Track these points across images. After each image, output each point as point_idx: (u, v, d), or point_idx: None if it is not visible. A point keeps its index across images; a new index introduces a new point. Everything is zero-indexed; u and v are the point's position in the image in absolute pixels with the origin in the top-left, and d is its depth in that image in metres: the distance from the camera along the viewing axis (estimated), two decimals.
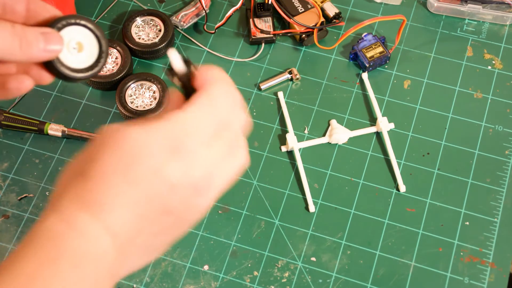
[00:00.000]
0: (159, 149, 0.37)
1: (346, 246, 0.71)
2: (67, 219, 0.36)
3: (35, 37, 0.43)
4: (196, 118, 0.39)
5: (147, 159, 0.37)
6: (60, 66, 0.44)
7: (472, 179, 0.75)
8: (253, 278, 0.69)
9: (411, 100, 0.80)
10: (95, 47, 0.46)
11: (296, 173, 0.75)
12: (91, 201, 0.36)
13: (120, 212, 0.37)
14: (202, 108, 0.40)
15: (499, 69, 0.82)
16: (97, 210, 0.36)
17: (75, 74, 0.45)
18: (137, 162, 0.37)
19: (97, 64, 0.46)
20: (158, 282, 0.69)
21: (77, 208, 0.36)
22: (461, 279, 0.69)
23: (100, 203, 0.36)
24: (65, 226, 0.36)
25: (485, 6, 0.83)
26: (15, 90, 0.45)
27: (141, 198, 0.37)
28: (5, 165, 0.76)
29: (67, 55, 0.45)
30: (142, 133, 0.38)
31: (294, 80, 0.80)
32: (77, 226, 0.36)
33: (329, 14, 0.83)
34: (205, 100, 0.40)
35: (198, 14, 0.84)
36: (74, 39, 0.45)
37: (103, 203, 0.36)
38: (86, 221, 0.36)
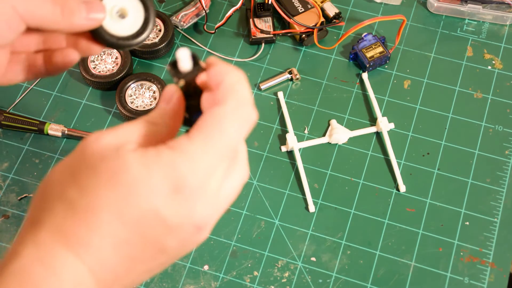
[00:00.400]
0: (160, 187, 0.33)
1: (346, 246, 0.71)
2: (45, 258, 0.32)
3: (77, 6, 0.42)
4: (204, 153, 0.34)
5: (146, 197, 0.33)
6: (105, 35, 0.43)
7: (472, 179, 0.75)
8: (253, 278, 0.69)
9: (411, 100, 0.80)
10: (140, 13, 0.45)
11: (296, 173, 0.75)
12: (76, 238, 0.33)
13: (109, 253, 0.33)
14: (211, 139, 0.34)
15: (499, 69, 0.82)
16: (82, 249, 0.33)
17: (122, 42, 0.44)
18: (134, 199, 0.33)
19: (143, 30, 0.44)
20: (158, 282, 0.69)
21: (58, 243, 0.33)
22: (461, 279, 0.69)
23: (87, 242, 0.33)
24: (42, 269, 0.32)
25: (485, 6, 0.83)
26: (60, 64, 0.44)
27: (135, 239, 0.34)
28: (5, 165, 0.76)
29: (112, 23, 0.43)
30: (144, 165, 0.33)
31: (294, 80, 0.80)
32: (56, 268, 0.32)
33: (329, 14, 0.83)
34: (216, 126, 0.34)
35: (198, 14, 0.84)
36: (117, 5, 0.44)
37: (90, 242, 0.33)
38: (67, 262, 0.33)
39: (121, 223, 0.33)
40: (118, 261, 0.34)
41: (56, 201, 0.34)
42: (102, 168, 0.34)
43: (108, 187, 0.33)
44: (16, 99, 0.79)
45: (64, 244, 0.33)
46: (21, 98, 0.80)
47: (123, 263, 0.34)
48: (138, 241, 0.34)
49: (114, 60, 0.80)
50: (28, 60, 0.45)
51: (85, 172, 0.34)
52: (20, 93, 0.80)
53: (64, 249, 0.33)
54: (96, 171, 0.34)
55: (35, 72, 0.45)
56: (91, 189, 0.33)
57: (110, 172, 0.33)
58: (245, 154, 0.38)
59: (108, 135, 0.35)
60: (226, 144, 0.35)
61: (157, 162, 0.34)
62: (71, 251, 0.33)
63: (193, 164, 0.34)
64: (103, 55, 0.80)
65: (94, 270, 0.33)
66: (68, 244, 0.33)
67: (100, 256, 0.33)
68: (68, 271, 0.32)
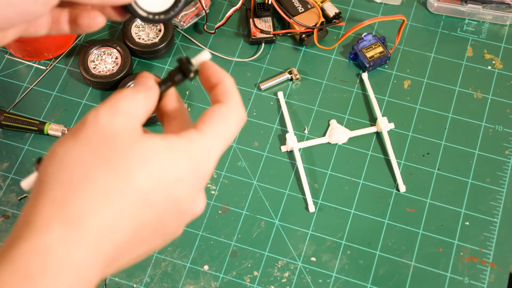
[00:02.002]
0: (185, 177, 0.37)
1: (346, 246, 0.71)
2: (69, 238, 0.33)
3: None
4: (215, 146, 0.38)
5: (173, 184, 0.36)
6: (137, 8, 0.43)
7: (472, 179, 0.75)
8: (253, 278, 0.69)
9: (411, 100, 0.80)
10: None
11: (296, 173, 0.75)
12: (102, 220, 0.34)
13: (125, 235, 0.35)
14: (220, 134, 0.39)
15: (499, 69, 0.82)
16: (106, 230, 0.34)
17: (152, 16, 0.44)
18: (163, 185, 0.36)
19: (174, 8, 0.45)
20: (158, 282, 0.69)
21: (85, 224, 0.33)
22: (461, 279, 0.69)
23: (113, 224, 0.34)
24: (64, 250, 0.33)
25: (485, 6, 0.83)
26: (86, 26, 0.44)
27: (152, 222, 0.36)
28: (5, 165, 0.76)
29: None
30: (171, 155, 0.36)
31: (294, 80, 0.80)
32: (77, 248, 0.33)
33: (329, 14, 0.83)
34: (223, 122, 0.39)
35: (198, 14, 0.84)
36: None
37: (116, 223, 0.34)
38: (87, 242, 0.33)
39: (146, 205, 0.35)
40: (129, 241, 0.35)
41: (87, 182, 0.34)
42: (135, 155, 0.35)
43: (141, 175, 0.35)
44: (16, 99, 0.79)
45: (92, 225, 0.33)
46: (21, 98, 0.80)
47: (132, 243, 0.35)
48: (153, 223, 0.36)
49: (114, 60, 0.80)
50: (52, 15, 0.45)
51: (114, 156, 0.35)
52: (20, 93, 0.80)
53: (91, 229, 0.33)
54: (128, 157, 0.35)
55: (58, 29, 0.45)
56: (122, 172, 0.35)
57: (143, 159, 0.35)
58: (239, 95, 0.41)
59: (120, 117, 0.36)
60: (229, 138, 0.39)
61: (181, 152, 0.37)
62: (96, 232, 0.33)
63: (208, 156, 0.38)
64: (103, 55, 0.80)
65: (107, 254, 0.34)
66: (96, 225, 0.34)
67: (118, 239, 0.34)
68: (88, 255, 0.33)
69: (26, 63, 0.82)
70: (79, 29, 0.44)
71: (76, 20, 0.44)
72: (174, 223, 0.37)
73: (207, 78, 0.41)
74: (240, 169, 0.75)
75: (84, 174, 0.34)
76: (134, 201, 0.35)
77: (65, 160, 0.35)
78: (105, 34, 0.84)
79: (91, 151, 0.35)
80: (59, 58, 0.82)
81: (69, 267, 0.32)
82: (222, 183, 0.74)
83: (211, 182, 0.74)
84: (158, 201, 0.36)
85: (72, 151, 0.35)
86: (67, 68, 0.82)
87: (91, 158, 0.35)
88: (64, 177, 0.34)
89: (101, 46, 0.80)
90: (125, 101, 0.37)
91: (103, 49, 0.80)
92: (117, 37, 0.84)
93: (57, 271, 0.32)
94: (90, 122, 0.36)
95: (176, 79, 0.41)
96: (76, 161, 0.35)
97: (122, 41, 0.81)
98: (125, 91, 0.38)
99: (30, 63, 0.82)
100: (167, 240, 0.39)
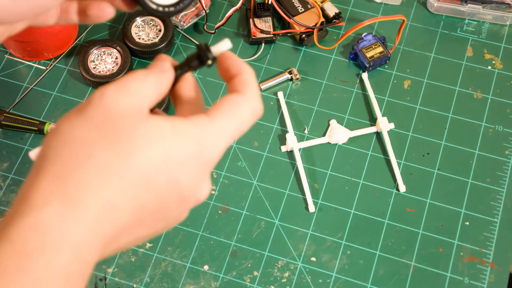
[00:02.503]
0: (188, 160, 0.36)
1: (346, 246, 0.71)
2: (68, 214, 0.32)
3: None
4: (223, 134, 0.38)
5: (176, 167, 0.36)
6: (147, 0, 0.43)
7: (472, 179, 0.75)
8: (253, 278, 0.69)
9: (411, 100, 0.80)
10: None
11: (296, 173, 0.75)
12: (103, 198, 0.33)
13: (125, 214, 0.34)
14: (230, 122, 0.38)
15: (499, 69, 0.82)
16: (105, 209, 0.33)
17: (161, 9, 0.44)
18: (165, 167, 0.35)
19: (183, 0, 0.45)
20: (158, 282, 0.69)
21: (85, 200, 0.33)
22: (461, 279, 0.69)
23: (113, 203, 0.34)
24: (64, 225, 0.32)
25: (485, 6, 0.83)
26: (95, 17, 0.44)
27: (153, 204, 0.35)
28: (5, 165, 0.76)
29: None
30: (176, 138, 0.36)
31: (294, 80, 0.80)
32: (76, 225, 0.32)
33: (329, 14, 0.83)
34: (235, 111, 0.39)
35: (198, 14, 0.84)
36: None
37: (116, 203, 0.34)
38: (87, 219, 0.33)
39: (147, 187, 0.34)
40: (128, 222, 0.35)
41: (89, 160, 0.34)
42: (139, 136, 0.35)
43: (144, 156, 0.34)
44: (16, 99, 0.79)
45: (91, 203, 0.33)
46: (21, 98, 0.80)
47: (132, 225, 0.35)
48: (154, 205, 0.35)
49: (114, 60, 0.80)
50: (61, 5, 0.45)
51: (117, 135, 0.35)
52: (20, 93, 0.80)
53: (90, 208, 0.33)
54: (132, 138, 0.35)
55: (67, 19, 0.45)
56: (125, 152, 0.34)
57: (147, 140, 0.35)
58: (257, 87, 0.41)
59: (127, 97, 0.36)
60: (241, 128, 0.39)
61: (187, 135, 0.36)
62: (96, 211, 0.33)
63: (215, 143, 0.37)
64: (103, 55, 0.80)
65: (106, 233, 0.34)
66: (96, 203, 0.33)
67: (117, 219, 0.34)
68: (87, 233, 0.33)
69: (26, 63, 0.82)
70: (88, 19, 0.44)
71: (85, 10, 0.44)
72: (176, 207, 0.37)
73: (226, 68, 0.41)
74: (240, 169, 0.75)
75: (86, 152, 0.34)
76: (135, 182, 0.34)
77: (68, 136, 0.35)
78: (105, 34, 0.84)
79: (95, 129, 0.35)
80: (59, 58, 0.82)
81: (67, 245, 0.32)
82: (222, 183, 0.74)
83: None
84: (159, 183, 0.35)
85: (76, 128, 0.35)
86: (67, 68, 0.82)
87: (95, 137, 0.34)
88: (65, 154, 0.34)
89: (101, 46, 0.80)
90: (135, 82, 0.37)
91: (103, 49, 0.80)
92: (117, 37, 0.84)
93: (55, 249, 0.32)
94: (96, 100, 0.35)
95: (193, 65, 0.40)
96: (79, 138, 0.34)
97: (122, 41, 0.81)
98: (138, 71, 0.38)
99: (30, 63, 0.82)
100: (169, 225, 0.38)
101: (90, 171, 0.34)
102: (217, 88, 0.80)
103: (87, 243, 0.33)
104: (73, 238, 0.32)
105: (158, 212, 0.36)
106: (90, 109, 0.35)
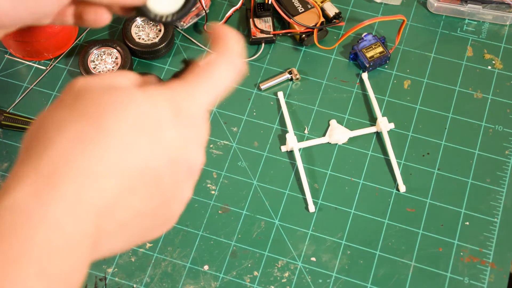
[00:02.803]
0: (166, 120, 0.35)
1: (346, 246, 0.71)
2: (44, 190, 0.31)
3: None
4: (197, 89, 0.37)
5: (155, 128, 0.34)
6: (148, 10, 0.44)
7: (472, 179, 0.75)
8: (253, 278, 0.69)
9: (411, 100, 0.80)
10: None
11: (296, 173, 0.75)
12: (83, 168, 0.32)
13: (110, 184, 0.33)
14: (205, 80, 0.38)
15: (499, 69, 0.82)
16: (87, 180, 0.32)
17: (160, 17, 0.44)
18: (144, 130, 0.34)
19: (182, 8, 0.45)
20: (158, 282, 0.69)
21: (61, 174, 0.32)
22: (461, 279, 0.69)
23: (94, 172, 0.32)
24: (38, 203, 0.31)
25: (485, 6, 0.83)
26: (91, 21, 0.43)
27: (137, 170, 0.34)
28: (5, 165, 0.76)
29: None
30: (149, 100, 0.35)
31: (294, 80, 0.80)
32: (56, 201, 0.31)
33: (329, 14, 0.83)
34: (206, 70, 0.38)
35: (198, 14, 0.84)
36: None
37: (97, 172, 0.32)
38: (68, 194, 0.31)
39: (127, 149, 0.33)
40: (117, 190, 0.33)
41: (59, 134, 0.33)
42: (108, 101, 0.34)
43: (117, 119, 0.33)
44: (16, 99, 0.79)
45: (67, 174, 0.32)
46: (21, 98, 0.80)
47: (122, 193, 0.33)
48: (140, 168, 0.34)
49: (114, 60, 0.80)
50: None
51: (89, 106, 0.34)
52: (20, 93, 0.80)
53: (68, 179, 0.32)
54: (101, 104, 0.34)
55: (62, 21, 0.45)
56: (98, 121, 0.33)
57: (117, 104, 0.34)
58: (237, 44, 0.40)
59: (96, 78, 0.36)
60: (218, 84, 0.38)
61: (159, 96, 0.35)
62: (75, 182, 0.32)
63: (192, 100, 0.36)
64: (103, 55, 0.80)
65: (93, 203, 0.32)
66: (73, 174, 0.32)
67: (102, 187, 0.32)
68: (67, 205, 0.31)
69: (26, 63, 0.82)
70: (84, 23, 0.44)
71: (81, 14, 0.44)
72: (166, 171, 0.35)
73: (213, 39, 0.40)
74: (240, 169, 0.75)
75: (57, 127, 0.33)
76: (113, 145, 0.33)
77: (41, 121, 0.34)
78: (105, 34, 0.84)
79: (65, 108, 0.34)
80: (59, 58, 0.82)
81: (45, 220, 0.30)
82: (222, 183, 0.74)
83: (211, 182, 0.74)
84: (140, 144, 0.33)
85: (49, 112, 0.34)
86: (67, 68, 0.82)
87: (65, 113, 0.34)
88: (39, 136, 0.33)
89: (101, 46, 0.80)
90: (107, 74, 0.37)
91: (103, 49, 0.80)
92: (117, 37, 0.84)
93: (30, 226, 0.30)
94: (67, 86, 0.35)
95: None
96: (51, 119, 0.34)
97: (122, 41, 0.81)
98: None
99: (30, 63, 0.82)
100: (167, 198, 0.36)
101: (63, 143, 0.32)
102: None
103: (70, 214, 0.31)
104: (52, 212, 0.31)
105: (147, 177, 0.34)
106: (61, 95, 0.35)
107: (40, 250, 0.30)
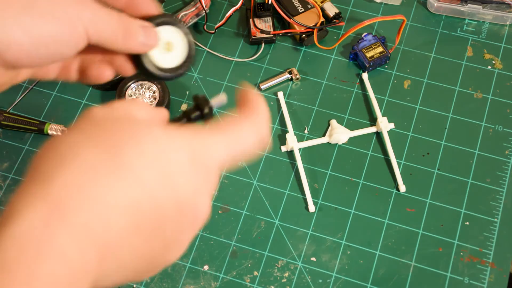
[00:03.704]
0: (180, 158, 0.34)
1: (346, 246, 0.71)
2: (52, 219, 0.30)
3: (137, 30, 0.42)
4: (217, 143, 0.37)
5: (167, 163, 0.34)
6: (147, 62, 0.44)
7: (472, 179, 0.75)
8: (253, 278, 0.69)
9: (411, 100, 0.80)
10: (183, 50, 0.46)
11: (296, 173, 0.75)
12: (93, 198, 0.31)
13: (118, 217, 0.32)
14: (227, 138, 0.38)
15: (499, 69, 0.82)
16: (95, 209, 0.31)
17: (159, 72, 0.44)
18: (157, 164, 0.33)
19: (181, 67, 0.46)
20: (158, 282, 0.69)
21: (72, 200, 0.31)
22: (461, 279, 0.69)
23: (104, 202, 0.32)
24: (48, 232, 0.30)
25: (485, 6, 0.83)
26: (94, 77, 0.44)
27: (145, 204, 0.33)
28: (5, 165, 0.76)
29: (155, 53, 0.44)
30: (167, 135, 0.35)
31: (294, 80, 0.80)
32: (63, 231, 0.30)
33: (329, 14, 0.83)
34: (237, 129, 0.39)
35: (198, 14, 0.84)
36: (165, 38, 0.45)
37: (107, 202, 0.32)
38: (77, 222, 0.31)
39: (139, 184, 0.33)
40: (122, 226, 0.32)
41: (73, 158, 0.32)
42: (128, 133, 0.34)
43: (135, 153, 0.33)
44: (16, 99, 0.79)
45: (78, 201, 0.31)
46: (21, 98, 0.80)
47: (128, 229, 0.33)
48: (149, 206, 0.33)
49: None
50: (64, 62, 0.45)
51: (108, 135, 0.34)
52: (20, 93, 0.80)
53: (78, 206, 0.31)
54: (121, 135, 0.34)
55: (67, 76, 0.45)
56: (116, 151, 0.33)
57: (138, 138, 0.34)
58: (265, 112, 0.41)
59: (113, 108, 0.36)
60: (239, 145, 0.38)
61: (180, 138, 0.35)
62: (85, 210, 0.31)
63: (208, 148, 0.36)
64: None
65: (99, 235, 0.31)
66: (84, 201, 0.31)
67: (110, 218, 0.32)
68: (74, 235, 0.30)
69: None
70: (87, 79, 0.44)
71: (85, 70, 0.44)
72: (172, 216, 0.34)
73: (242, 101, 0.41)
74: (240, 169, 0.75)
75: (73, 152, 0.33)
76: (126, 178, 0.32)
77: (56, 143, 0.34)
78: None
79: (82, 133, 0.34)
80: None
81: (52, 251, 0.30)
82: (222, 183, 0.74)
83: None
84: (153, 181, 0.33)
85: (65, 136, 0.34)
86: None
87: (82, 138, 0.33)
88: (52, 158, 0.33)
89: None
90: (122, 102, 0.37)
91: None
92: None
93: (37, 257, 0.29)
94: (84, 113, 0.35)
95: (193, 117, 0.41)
96: (66, 142, 0.33)
97: None
98: None
99: None
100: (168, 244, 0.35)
101: (76, 168, 0.32)
102: (217, 88, 0.80)
103: (76, 247, 0.30)
104: (59, 242, 0.30)
105: (153, 217, 0.34)
106: (78, 121, 0.35)
107: (43, 285, 0.29)
